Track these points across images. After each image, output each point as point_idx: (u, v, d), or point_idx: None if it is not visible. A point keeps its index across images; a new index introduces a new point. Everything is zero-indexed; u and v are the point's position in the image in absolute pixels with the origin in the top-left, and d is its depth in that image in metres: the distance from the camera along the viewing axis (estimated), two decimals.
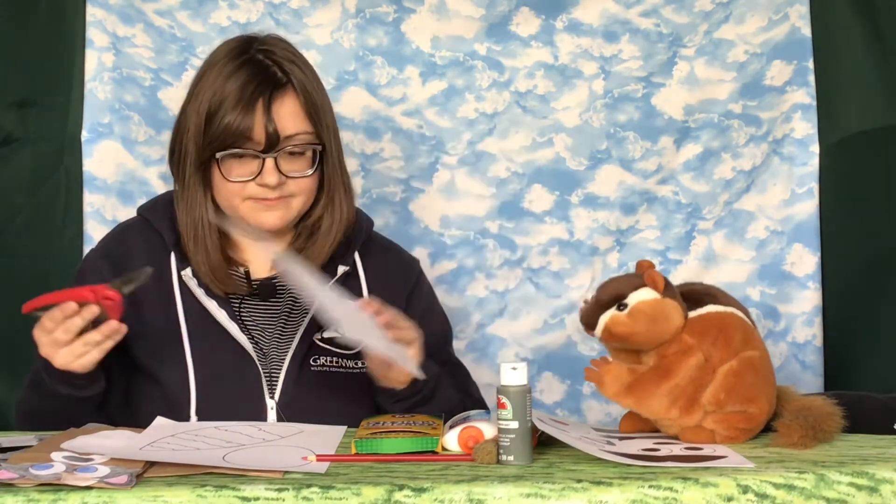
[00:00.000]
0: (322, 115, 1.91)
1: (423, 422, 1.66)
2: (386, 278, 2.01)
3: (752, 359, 1.61)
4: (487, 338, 2.57)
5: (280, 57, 1.89)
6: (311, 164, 1.90)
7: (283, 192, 1.88)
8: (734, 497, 1.33)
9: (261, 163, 1.86)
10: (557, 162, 2.58)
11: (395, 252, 2.10)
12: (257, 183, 1.87)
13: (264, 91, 1.85)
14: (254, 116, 1.84)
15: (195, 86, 1.91)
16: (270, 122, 1.84)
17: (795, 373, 2.52)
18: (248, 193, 1.88)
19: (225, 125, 1.84)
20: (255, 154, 1.85)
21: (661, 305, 1.60)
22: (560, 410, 2.54)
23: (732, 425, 1.59)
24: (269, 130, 1.84)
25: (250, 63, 1.87)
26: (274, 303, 1.95)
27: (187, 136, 1.89)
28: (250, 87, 1.84)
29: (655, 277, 1.60)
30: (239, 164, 1.87)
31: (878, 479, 1.37)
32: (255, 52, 1.89)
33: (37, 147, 2.44)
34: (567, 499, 1.32)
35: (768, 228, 2.55)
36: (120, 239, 2.00)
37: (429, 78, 2.57)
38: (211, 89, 1.86)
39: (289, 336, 1.93)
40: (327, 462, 1.45)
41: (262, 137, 1.85)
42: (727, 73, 2.57)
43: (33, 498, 1.30)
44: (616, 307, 1.60)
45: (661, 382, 1.58)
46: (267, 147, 1.85)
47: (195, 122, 1.87)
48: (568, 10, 2.58)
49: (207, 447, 1.54)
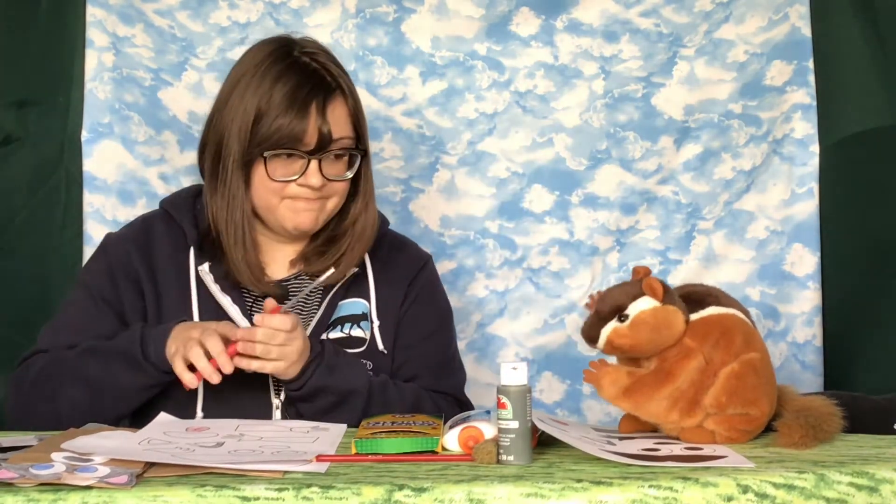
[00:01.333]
0: (363, 122, 1.96)
1: (424, 422, 1.66)
2: (392, 273, 2.04)
3: (754, 361, 1.61)
4: (487, 338, 2.57)
5: (325, 60, 1.92)
6: (348, 167, 1.94)
7: (322, 193, 1.91)
8: (734, 497, 1.33)
9: (305, 163, 1.88)
10: (557, 162, 2.58)
11: (405, 247, 2.11)
12: (299, 183, 1.89)
13: (318, 94, 1.88)
14: (308, 119, 1.86)
15: (234, 86, 1.92)
16: (325, 123, 1.88)
17: (795, 373, 2.52)
18: (287, 193, 1.91)
19: (278, 126, 1.86)
20: (302, 155, 1.88)
21: (663, 313, 1.59)
22: (560, 410, 2.54)
23: (733, 427, 1.59)
24: (323, 132, 1.88)
25: (297, 66, 1.90)
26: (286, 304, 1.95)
27: (229, 136, 1.90)
28: (304, 90, 1.87)
29: (654, 285, 1.59)
30: (284, 164, 1.89)
31: (878, 479, 1.37)
32: (301, 56, 1.91)
33: (37, 147, 2.44)
34: (567, 499, 1.31)
35: (768, 228, 2.55)
36: (143, 228, 2.01)
37: (429, 78, 2.57)
38: (257, 90, 1.88)
39: None
40: (327, 462, 1.45)
41: (313, 139, 1.87)
42: (727, 73, 2.57)
43: (33, 498, 1.30)
44: (617, 319, 1.59)
45: (661, 386, 1.58)
46: (316, 149, 1.88)
47: (240, 122, 1.88)
48: (568, 10, 2.58)
49: (205, 447, 1.54)
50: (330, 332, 1.95)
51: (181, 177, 2.48)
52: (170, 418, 1.75)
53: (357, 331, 1.97)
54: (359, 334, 1.97)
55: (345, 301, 1.98)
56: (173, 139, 2.50)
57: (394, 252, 2.07)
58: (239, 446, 1.54)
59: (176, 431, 1.65)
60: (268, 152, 1.88)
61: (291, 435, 1.65)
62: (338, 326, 1.96)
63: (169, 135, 2.50)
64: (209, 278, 1.93)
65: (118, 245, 1.99)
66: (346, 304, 1.98)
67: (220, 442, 1.57)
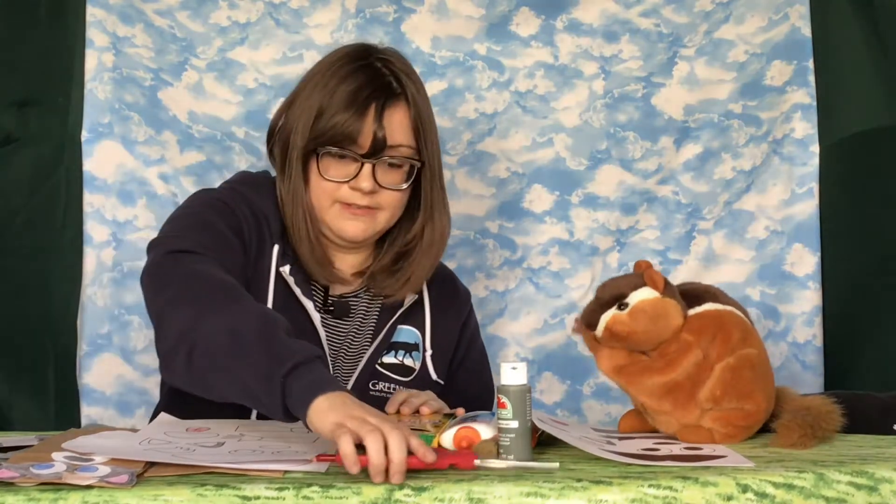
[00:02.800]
0: (427, 133, 1.91)
1: (429, 421, 1.66)
2: (445, 309, 2.03)
3: (750, 356, 1.62)
4: (487, 338, 2.57)
5: (397, 69, 1.89)
6: (405, 179, 1.90)
7: (373, 201, 1.87)
8: (734, 496, 1.33)
9: (359, 166, 1.85)
10: (557, 162, 2.58)
11: (452, 282, 2.11)
12: (351, 186, 1.86)
13: (378, 97, 1.85)
14: (364, 120, 1.84)
15: (306, 82, 1.90)
16: (381, 128, 1.84)
17: (795, 373, 2.52)
18: (339, 196, 1.87)
19: (334, 123, 1.83)
20: (356, 157, 1.85)
21: (662, 304, 1.60)
22: (560, 410, 2.54)
23: (730, 423, 1.59)
24: (378, 136, 1.84)
25: (367, 69, 1.87)
26: (346, 321, 1.95)
27: (295, 130, 1.87)
28: (365, 92, 1.85)
29: (655, 277, 1.61)
30: (338, 164, 1.86)
31: (878, 479, 1.37)
32: (374, 60, 1.89)
33: (37, 147, 2.44)
34: (567, 498, 1.32)
35: (768, 228, 2.55)
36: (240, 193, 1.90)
37: (429, 78, 2.57)
38: (324, 88, 1.86)
39: (356, 356, 1.94)
40: (327, 462, 1.45)
41: (367, 142, 1.84)
42: (727, 73, 2.57)
43: (34, 497, 1.30)
44: (617, 307, 1.61)
45: (657, 373, 1.59)
46: (370, 152, 1.85)
47: (305, 117, 1.86)
48: (568, 10, 2.59)
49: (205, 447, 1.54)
50: (384, 357, 1.95)
51: (181, 177, 2.48)
52: (170, 418, 1.75)
53: (409, 359, 1.97)
54: (409, 363, 1.97)
55: (401, 327, 1.98)
56: (173, 139, 2.50)
57: (445, 283, 2.06)
58: (239, 446, 1.54)
59: (176, 431, 1.65)
60: (321, 148, 1.85)
61: (292, 435, 1.65)
62: (392, 352, 1.96)
63: (169, 135, 2.50)
64: (291, 280, 1.88)
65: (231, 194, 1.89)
66: (402, 331, 1.98)
67: (221, 442, 1.57)
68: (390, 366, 1.94)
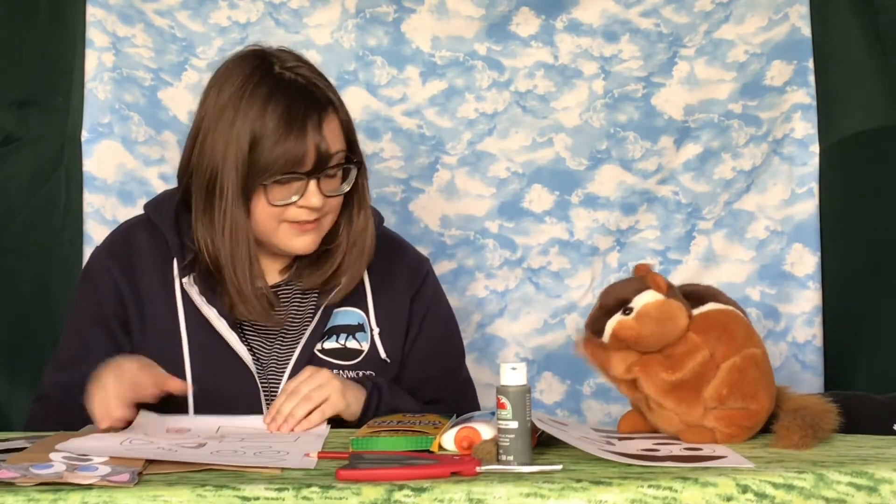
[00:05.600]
0: (353, 131, 1.89)
1: (430, 421, 1.66)
2: (391, 281, 1.98)
3: (755, 355, 1.62)
4: (487, 338, 2.57)
5: (310, 75, 1.85)
6: (343, 180, 1.87)
7: (320, 212, 1.85)
8: (734, 497, 1.33)
9: (304, 185, 1.81)
10: (557, 162, 2.58)
11: (402, 252, 2.04)
12: (300, 205, 1.82)
13: (312, 114, 1.80)
14: (306, 140, 1.79)
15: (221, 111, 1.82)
16: (323, 142, 1.80)
17: (795, 373, 2.52)
18: (285, 217, 1.83)
19: (276, 154, 1.78)
20: (301, 176, 1.81)
21: (667, 306, 1.59)
22: (560, 410, 2.54)
23: (733, 422, 1.59)
24: (322, 151, 1.80)
25: (283, 84, 1.81)
26: (276, 312, 1.93)
27: (224, 165, 1.81)
28: (297, 111, 1.79)
29: (658, 279, 1.60)
30: (282, 188, 1.82)
31: (878, 479, 1.37)
32: (284, 72, 1.83)
33: (37, 147, 2.44)
34: (567, 499, 1.31)
35: (768, 228, 2.55)
36: (125, 238, 1.96)
37: (429, 78, 2.57)
38: (248, 116, 1.79)
39: (289, 347, 1.91)
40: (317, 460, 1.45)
41: (311, 160, 1.80)
42: (727, 73, 2.57)
43: (33, 497, 1.30)
44: (621, 312, 1.60)
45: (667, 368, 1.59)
46: (314, 169, 1.81)
47: (235, 151, 1.80)
48: (568, 10, 2.59)
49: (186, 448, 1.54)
50: (325, 342, 1.91)
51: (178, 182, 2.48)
52: (150, 416, 1.72)
53: (352, 342, 1.92)
54: (354, 346, 1.92)
55: (339, 310, 1.93)
56: (173, 139, 2.50)
57: (391, 257, 2.00)
58: (221, 447, 1.54)
59: (157, 432, 1.64)
60: (268, 180, 1.80)
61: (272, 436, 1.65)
62: (332, 336, 1.92)
63: (169, 135, 2.50)
64: (193, 290, 1.87)
65: (100, 262, 1.94)
66: (340, 313, 1.93)
67: (203, 443, 1.57)
68: (332, 351, 1.90)
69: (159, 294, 1.89)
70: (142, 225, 1.96)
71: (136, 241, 1.94)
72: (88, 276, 1.95)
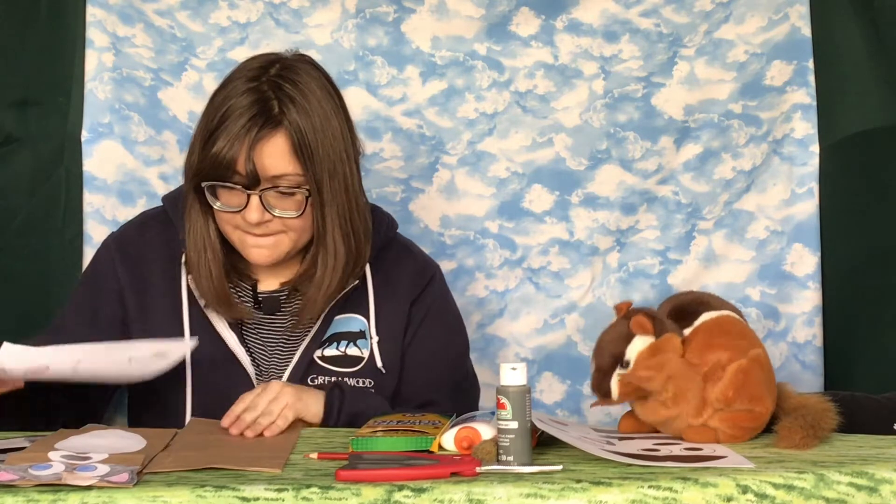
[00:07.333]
0: (317, 157, 1.81)
1: (430, 421, 1.66)
2: (395, 288, 1.97)
3: (760, 357, 1.63)
4: (487, 338, 2.57)
5: (288, 89, 1.81)
6: (302, 205, 1.83)
7: (269, 229, 1.83)
8: (734, 497, 1.33)
9: (246, 197, 1.80)
10: (557, 162, 2.58)
11: (409, 259, 2.03)
12: (241, 217, 1.83)
13: (252, 128, 1.77)
14: (240, 150, 1.77)
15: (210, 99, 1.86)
16: (249, 160, 1.77)
17: (795, 373, 2.52)
18: (237, 223, 1.84)
19: (213, 154, 1.78)
20: (241, 188, 1.80)
21: (659, 346, 1.60)
22: (560, 410, 2.54)
23: (737, 424, 1.59)
24: (248, 168, 1.78)
25: (253, 93, 1.80)
26: (277, 318, 1.93)
27: (189, 160, 1.85)
28: (241, 120, 1.78)
29: (641, 323, 1.60)
30: (228, 193, 1.82)
31: (878, 479, 1.37)
32: (266, 80, 1.82)
33: (37, 147, 2.44)
34: (567, 499, 1.32)
35: (768, 228, 2.55)
36: (138, 231, 1.97)
37: (429, 78, 2.57)
38: (216, 110, 1.81)
39: (289, 352, 1.92)
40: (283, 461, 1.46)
41: (245, 172, 1.79)
42: (727, 73, 2.57)
43: (33, 498, 1.30)
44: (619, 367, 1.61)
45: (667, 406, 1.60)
46: (249, 184, 1.79)
47: (198, 140, 1.83)
48: (568, 10, 2.58)
49: None
50: (325, 350, 1.91)
51: (181, 177, 2.47)
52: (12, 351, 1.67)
53: (353, 349, 1.92)
54: (355, 353, 1.92)
55: (341, 316, 1.93)
56: (173, 139, 2.50)
57: (398, 264, 1.99)
58: None
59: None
60: (204, 182, 1.81)
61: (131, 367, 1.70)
62: (333, 343, 1.92)
63: (169, 135, 2.50)
64: (197, 292, 1.88)
65: (106, 252, 1.96)
66: (342, 320, 1.93)
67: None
68: (332, 358, 1.90)
69: (165, 289, 1.90)
70: (158, 217, 1.97)
71: (148, 235, 1.95)
72: (94, 262, 1.98)
